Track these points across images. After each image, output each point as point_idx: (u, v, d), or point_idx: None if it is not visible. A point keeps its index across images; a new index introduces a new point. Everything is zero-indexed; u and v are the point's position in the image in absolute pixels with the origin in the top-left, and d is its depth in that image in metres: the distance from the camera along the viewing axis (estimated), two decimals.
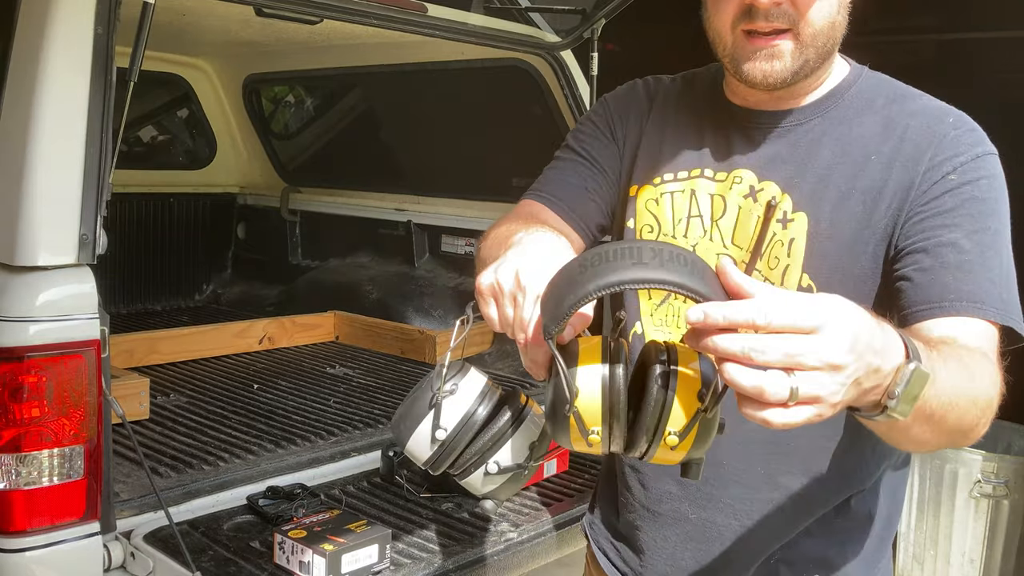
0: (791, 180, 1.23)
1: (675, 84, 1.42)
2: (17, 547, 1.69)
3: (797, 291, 1.17)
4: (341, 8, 2.42)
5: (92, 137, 1.72)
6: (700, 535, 1.32)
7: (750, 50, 1.16)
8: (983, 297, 1.11)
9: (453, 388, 1.04)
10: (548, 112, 3.11)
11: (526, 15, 2.99)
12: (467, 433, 1.03)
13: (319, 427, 2.60)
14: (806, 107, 1.26)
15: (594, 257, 0.84)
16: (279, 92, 4.48)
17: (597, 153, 1.40)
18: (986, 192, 1.16)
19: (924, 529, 3.49)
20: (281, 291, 4.35)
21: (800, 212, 1.22)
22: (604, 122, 1.42)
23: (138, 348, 3.19)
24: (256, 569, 1.79)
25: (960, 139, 1.18)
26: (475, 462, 1.05)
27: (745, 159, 1.27)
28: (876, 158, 1.20)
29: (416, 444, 1.05)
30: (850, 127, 1.23)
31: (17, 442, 1.67)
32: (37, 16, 1.71)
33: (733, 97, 1.31)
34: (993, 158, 1.19)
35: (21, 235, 1.68)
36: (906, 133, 1.20)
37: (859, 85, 1.27)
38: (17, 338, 1.67)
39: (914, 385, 0.86)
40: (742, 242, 1.26)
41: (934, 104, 1.24)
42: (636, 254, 0.82)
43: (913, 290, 1.14)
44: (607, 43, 2.95)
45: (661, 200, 1.32)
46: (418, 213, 3.83)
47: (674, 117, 1.37)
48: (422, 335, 3.47)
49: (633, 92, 1.43)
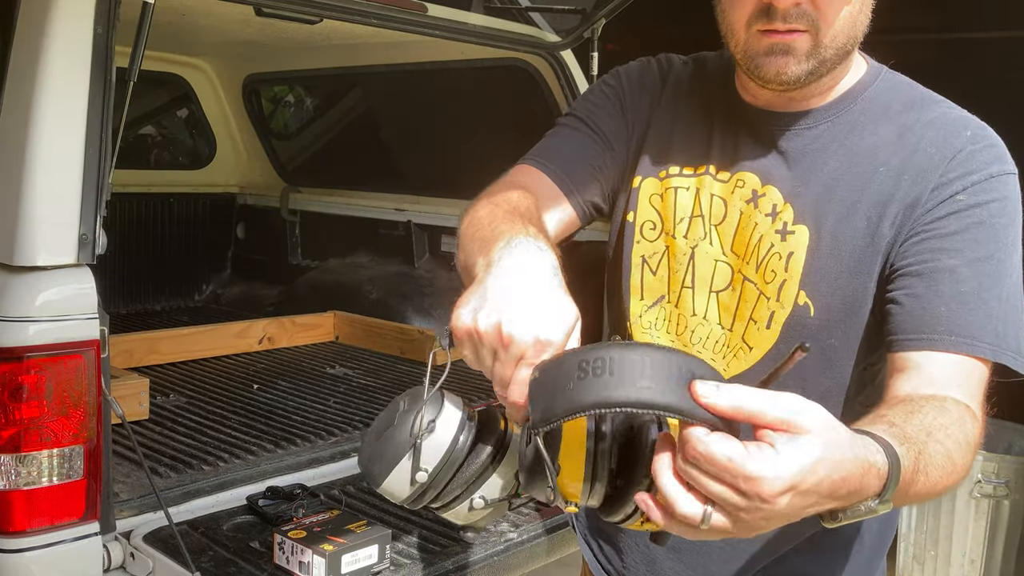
0: (794, 189, 1.18)
1: (687, 67, 1.34)
2: (17, 547, 1.69)
3: (792, 310, 1.15)
4: (341, 8, 2.42)
5: (92, 137, 1.72)
6: (684, 546, 1.27)
7: (766, 45, 1.09)
8: (976, 332, 1.06)
9: (431, 427, 0.96)
10: (548, 112, 3.10)
11: (526, 15, 2.99)
12: (449, 470, 0.97)
13: (319, 427, 2.59)
14: (817, 111, 1.19)
15: (596, 362, 0.78)
16: (279, 92, 4.48)
17: (606, 127, 1.31)
18: (995, 216, 1.10)
19: (924, 529, 3.49)
20: (281, 291, 4.34)
21: (801, 225, 1.16)
22: (616, 95, 1.33)
23: (138, 348, 3.19)
24: (256, 569, 1.79)
25: (975, 155, 1.11)
26: (459, 496, 0.99)
27: (750, 162, 1.21)
28: (885, 169, 1.14)
29: (393, 485, 0.98)
30: (862, 136, 1.17)
31: (17, 442, 1.67)
32: (37, 16, 1.71)
33: (744, 93, 1.25)
34: (1009, 178, 1.12)
35: (21, 235, 1.68)
36: (920, 144, 1.13)
37: (875, 88, 1.20)
38: (17, 338, 1.66)
39: (865, 516, 0.85)
40: (739, 250, 1.21)
41: (954, 114, 1.17)
42: (643, 369, 0.78)
43: (903, 317, 1.09)
44: (607, 43, 2.95)
45: (666, 196, 1.26)
46: (418, 213, 3.83)
47: (685, 105, 1.30)
48: (422, 335, 3.47)
49: (648, 71, 1.34)
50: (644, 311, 1.28)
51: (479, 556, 1.96)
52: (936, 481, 0.93)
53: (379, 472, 0.98)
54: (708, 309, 1.23)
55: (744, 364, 1.20)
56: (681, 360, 0.79)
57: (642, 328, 1.28)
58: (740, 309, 1.21)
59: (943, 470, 0.94)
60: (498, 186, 1.24)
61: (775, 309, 1.18)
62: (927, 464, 0.91)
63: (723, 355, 1.22)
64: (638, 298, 1.29)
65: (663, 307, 1.27)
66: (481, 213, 1.14)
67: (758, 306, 1.19)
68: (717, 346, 1.23)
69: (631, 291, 1.29)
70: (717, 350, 1.23)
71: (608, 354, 0.79)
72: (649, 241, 1.28)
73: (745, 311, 1.20)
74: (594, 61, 2.91)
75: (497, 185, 1.25)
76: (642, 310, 1.28)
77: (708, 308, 1.23)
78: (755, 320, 1.19)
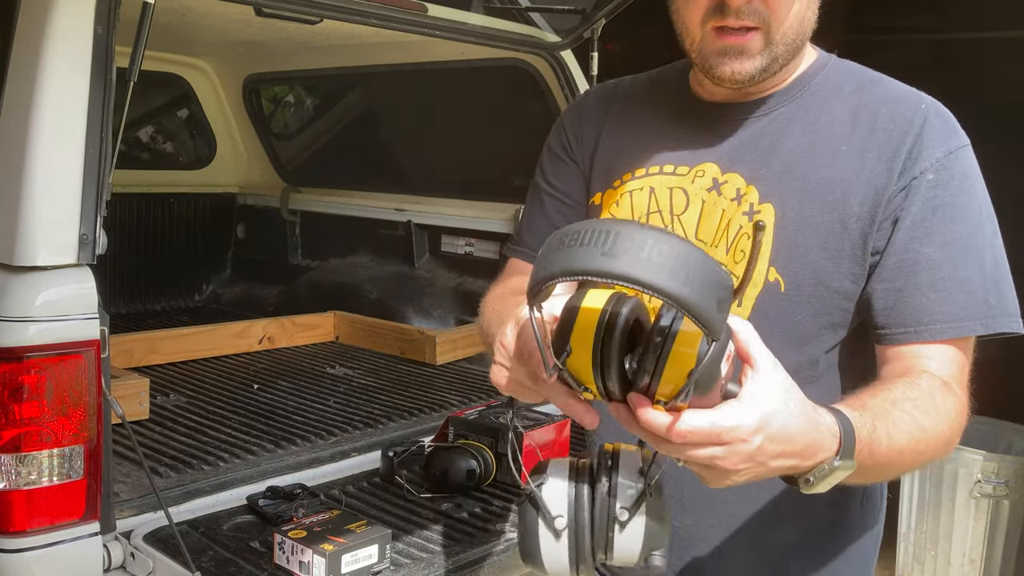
0: (756, 171, 1.21)
1: (636, 83, 1.40)
2: (17, 547, 1.69)
3: (764, 286, 1.18)
4: (341, 8, 2.41)
5: (92, 137, 1.72)
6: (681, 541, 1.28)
7: (719, 47, 1.14)
8: (960, 314, 1.11)
9: (541, 482, 0.95)
10: (548, 112, 3.10)
11: (526, 15, 2.99)
12: (581, 502, 0.94)
13: (319, 427, 2.59)
14: (771, 97, 1.23)
15: (598, 234, 0.80)
16: (279, 92, 4.48)
17: (559, 181, 1.39)
18: (957, 195, 1.14)
19: (924, 529, 3.49)
20: (281, 291, 4.34)
21: (767, 203, 1.19)
22: (560, 147, 1.41)
23: (138, 348, 3.19)
24: (256, 569, 1.79)
25: (935, 130, 1.15)
26: (608, 523, 0.94)
27: (709, 152, 1.25)
28: (846, 148, 1.17)
29: (548, 552, 0.94)
30: (817, 115, 1.21)
31: (17, 442, 1.67)
32: (37, 16, 1.71)
33: (699, 90, 1.29)
34: (967, 150, 1.17)
35: (21, 235, 1.68)
36: (876, 121, 1.17)
37: (826, 72, 1.24)
38: (17, 338, 1.66)
39: (831, 477, 0.92)
40: (707, 236, 1.23)
41: (903, 89, 1.21)
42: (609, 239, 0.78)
43: (887, 311, 1.14)
44: (607, 43, 2.95)
45: (622, 200, 1.30)
46: (418, 213, 3.83)
47: (634, 118, 1.35)
48: (422, 335, 3.47)
49: (584, 104, 1.43)
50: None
51: (479, 556, 1.96)
52: (903, 446, 0.99)
53: (532, 552, 0.96)
54: None
55: None
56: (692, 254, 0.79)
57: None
58: None
59: (910, 436, 1.00)
60: (500, 283, 1.39)
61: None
62: (890, 429, 0.98)
63: None
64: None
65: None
66: (491, 303, 1.31)
67: None
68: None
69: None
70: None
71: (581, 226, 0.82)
72: None
73: None
74: (594, 61, 2.91)
75: (499, 282, 1.40)
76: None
77: None
78: None
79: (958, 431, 1.08)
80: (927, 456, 1.04)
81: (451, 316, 3.69)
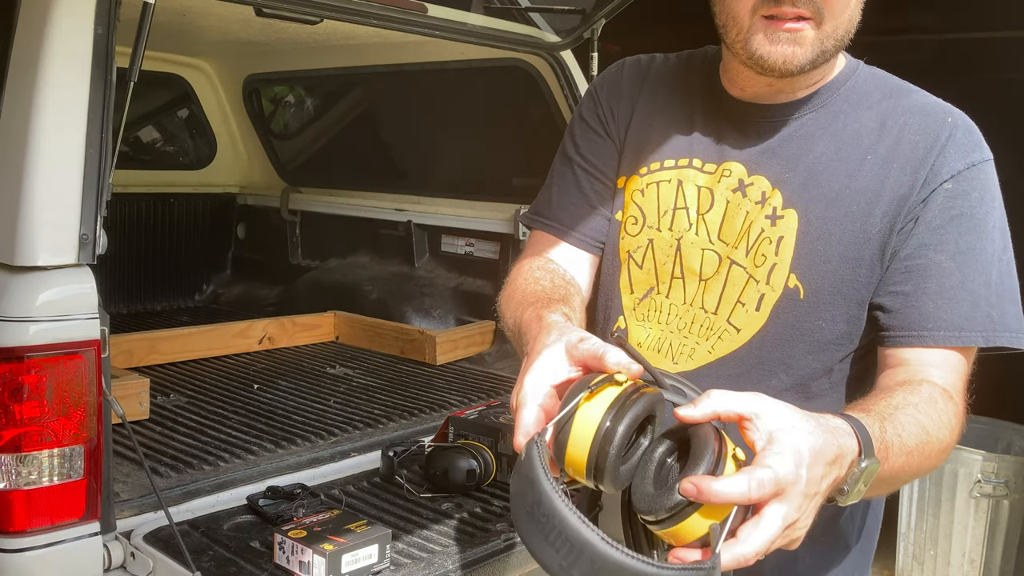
0: (782, 175, 1.21)
1: (668, 63, 1.37)
2: (17, 547, 1.69)
3: (783, 292, 1.18)
4: (341, 8, 2.42)
5: (92, 137, 1.72)
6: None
7: (772, 34, 1.12)
8: (962, 324, 1.12)
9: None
10: (548, 112, 3.11)
11: (526, 15, 2.99)
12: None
13: (319, 427, 2.59)
14: (801, 101, 1.23)
15: (543, 518, 0.87)
16: (279, 92, 4.48)
17: (594, 156, 1.36)
18: (976, 206, 1.15)
19: (924, 529, 3.49)
20: (281, 291, 4.34)
21: (790, 209, 1.20)
22: (597, 120, 1.37)
23: (138, 348, 3.19)
24: (256, 569, 1.79)
25: (959, 144, 1.16)
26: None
27: (736, 152, 1.24)
28: (872, 158, 1.18)
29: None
30: (845, 123, 1.21)
31: (17, 442, 1.67)
32: (37, 16, 1.71)
33: (730, 87, 1.27)
34: (987, 165, 1.18)
35: (21, 235, 1.68)
36: (903, 133, 1.18)
37: (855, 79, 1.24)
38: (17, 338, 1.67)
39: (864, 478, 0.91)
40: (728, 238, 1.23)
41: (931, 101, 1.22)
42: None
43: (895, 314, 1.15)
44: (607, 43, 2.95)
45: (647, 190, 1.29)
46: (418, 213, 3.83)
47: (665, 101, 1.33)
48: (422, 335, 3.47)
49: (619, 79, 1.38)
50: (636, 304, 1.31)
51: (479, 556, 1.96)
52: (912, 447, 0.99)
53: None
54: (696, 296, 1.26)
55: (731, 345, 1.23)
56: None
57: (636, 321, 1.31)
58: (726, 292, 1.23)
59: (918, 438, 1.00)
60: (524, 259, 1.35)
61: (765, 292, 1.21)
62: (899, 430, 0.98)
63: (707, 338, 1.25)
64: (628, 292, 1.32)
65: (654, 299, 1.30)
66: (517, 281, 1.27)
67: (746, 289, 1.22)
68: (701, 330, 1.25)
69: (621, 286, 1.33)
70: (701, 334, 1.25)
71: (557, 517, 0.87)
72: (632, 236, 1.31)
73: (732, 294, 1.23)
74: (594, 61, 2.91)
75: (523, 259, 1.36)
76: (634, 303, 1.32)
77: (696, 295, 1.26)
78: (743, 303, 1.22)
79: (956, 439, 1.09)
80: (932, 460, 1.04)
81: (451, 316, 3.69)
